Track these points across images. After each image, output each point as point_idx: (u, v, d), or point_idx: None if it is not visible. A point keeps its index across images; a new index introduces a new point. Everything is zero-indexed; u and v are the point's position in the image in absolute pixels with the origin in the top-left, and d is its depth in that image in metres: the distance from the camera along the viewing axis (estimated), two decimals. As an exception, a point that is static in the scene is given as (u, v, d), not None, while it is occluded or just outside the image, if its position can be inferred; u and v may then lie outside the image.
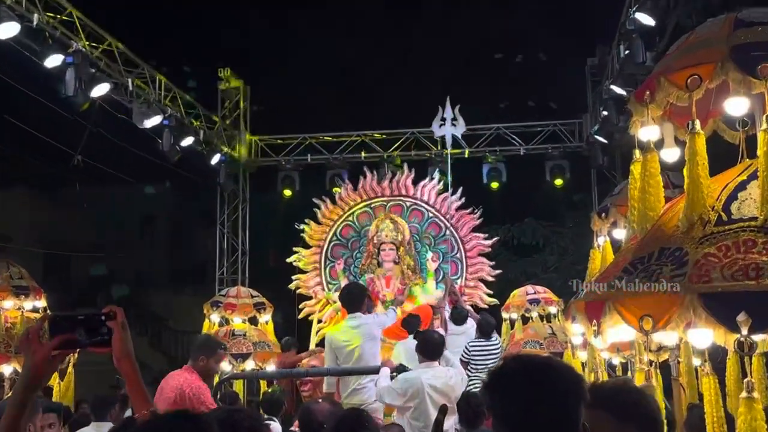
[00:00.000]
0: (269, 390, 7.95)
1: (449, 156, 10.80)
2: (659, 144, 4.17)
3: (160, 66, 11.99)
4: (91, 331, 2.05)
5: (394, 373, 6.05)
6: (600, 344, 4.07)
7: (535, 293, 10.50)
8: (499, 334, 9.51)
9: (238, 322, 10.70)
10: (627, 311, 3.53)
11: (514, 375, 1.90)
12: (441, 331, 7.96)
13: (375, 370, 6.03)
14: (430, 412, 5.59)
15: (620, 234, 5.92)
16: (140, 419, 1.89)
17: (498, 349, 8.38)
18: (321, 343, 10.66)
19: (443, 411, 3.86)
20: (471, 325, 8.93)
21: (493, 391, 1.94)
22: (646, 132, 4.09)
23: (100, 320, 2.05)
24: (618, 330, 3.72)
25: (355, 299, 6.77)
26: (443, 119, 10.55)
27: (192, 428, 1.58)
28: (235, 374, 7.60)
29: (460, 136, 11.06)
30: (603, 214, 6.28)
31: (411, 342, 7.69)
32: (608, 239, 6.24)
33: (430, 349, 5.94)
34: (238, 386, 9.51)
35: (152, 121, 10.91)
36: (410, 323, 8.34)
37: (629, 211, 4.03)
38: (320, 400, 3.70)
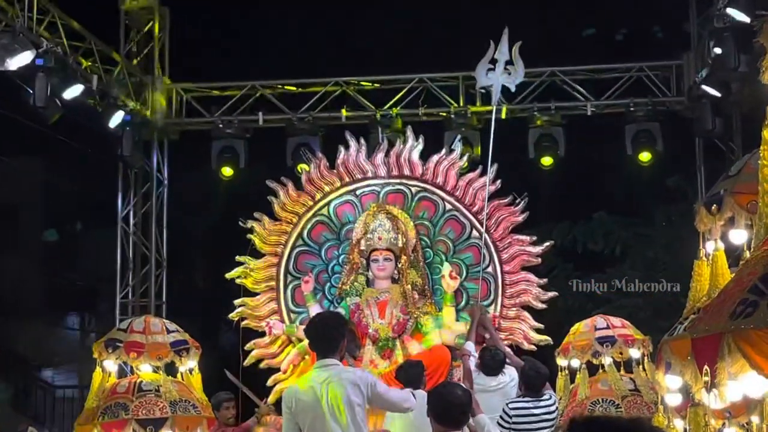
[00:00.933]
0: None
1: (495, 113, 10.85)
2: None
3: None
4: None
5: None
6: (716, 403, 4.10)
7: (608, 328, 10.55)
8: (554, 389, 9.54)
9: (147, 370, 10.72)
10: (757, 352, 3.56)
11: None
12: (465, 384, 7.99)
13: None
14: None
15: (741, 237, 5.93)
16: None
17: (553, 412, 8.43)
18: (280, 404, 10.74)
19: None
20: (511, 376, 8.97)
21: None
22: (786, 78, 4.11)
23: None
24: (740, 383, 3.75)
25: (330, 336, 6.79)
26: (493, 62, 10.58)
27: None
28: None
29: (513, 89, 11.10)
30: (714, 207, 6.32)
31: None
32: (722, 245, 6.27)
33: (449, 411, 5.96)
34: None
35: (19, 60, 10.88)
36: (408, 374, 8.39)
37: (760, 199, 4.06)
38: None
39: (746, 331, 3.67)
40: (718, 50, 11.55)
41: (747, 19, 10.38)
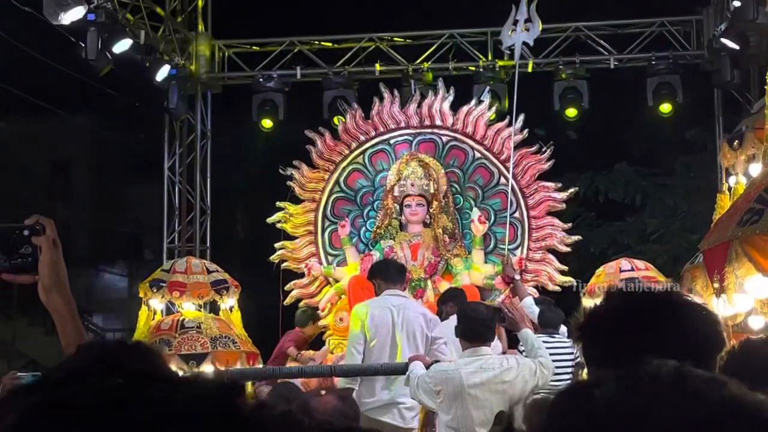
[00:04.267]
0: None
1: (517, 68, 10.91)
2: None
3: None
4: (9, 250, 2.13)
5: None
6: (725, 309, 4.14)
7: (633, 270, 10.54)
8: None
9: (189, 308, 10.80)
10: (762, 255, 3.60)
11: (620, 314, 1.99)
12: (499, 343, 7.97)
13: (401, 369, 6.18)
14: (475, 422, 5.72)
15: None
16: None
17: (568, 350, 8.40)
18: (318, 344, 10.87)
19: (502, 421, 3.95)
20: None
21: (590, 336, 2.03)
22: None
23: (21, 236, 2.14)
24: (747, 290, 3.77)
25: (398, 272, 7.01)
26: (515, 23, 10.65)
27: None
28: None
29: (531, 43, 11.16)
30: (736, 142, 6.32)
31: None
32: (744, 179, 6.26)
33: (475, 327, 6.07)
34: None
35: (71, 15, 10.95)
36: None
37: (767, 123, 4.08)
38: (323, 392, 3.78)
39: (752, 236, 3.73)
40: (737, 3, 11.48)
41: (767, -30, 10.31)
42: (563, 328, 8.68)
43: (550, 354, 8.23)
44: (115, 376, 1.22)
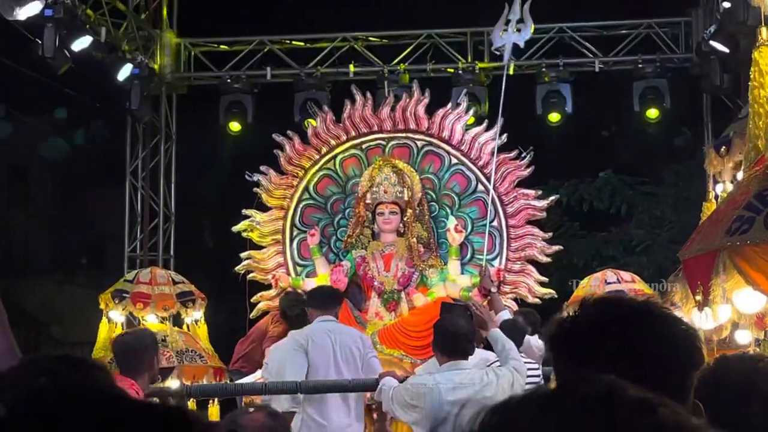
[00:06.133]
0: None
1: (506, 71, 10.87)
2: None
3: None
4: None
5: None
6: (707, 323, 4.11)
7: (618, 282, 10.53)
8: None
9: (153, 321, 10.77)
10: (753, 268, 3.56)
11: (594, 325, 1.99)
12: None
13: (371, 385, 6.20)
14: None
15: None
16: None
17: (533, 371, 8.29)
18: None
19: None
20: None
21: (561, 347, 2.02)
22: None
23: None
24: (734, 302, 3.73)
25: (331, 298, 7.12)
26: (507, 23, 10.64)
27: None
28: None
29: (522, 45, 11.14)
30: (723, 149, 6.33)
31: None
32: (731, 187, 6.26)
33: (455, 341, 6.10)
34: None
35: (27, 11, 10.87)
36: None
37: (750, 121, 4.07)
38: (251, 410, 3.84)
39: (742, 247, 3.69)
40: (726, 4, 11.55)
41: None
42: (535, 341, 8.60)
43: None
44: (55, 390, 1.25)
